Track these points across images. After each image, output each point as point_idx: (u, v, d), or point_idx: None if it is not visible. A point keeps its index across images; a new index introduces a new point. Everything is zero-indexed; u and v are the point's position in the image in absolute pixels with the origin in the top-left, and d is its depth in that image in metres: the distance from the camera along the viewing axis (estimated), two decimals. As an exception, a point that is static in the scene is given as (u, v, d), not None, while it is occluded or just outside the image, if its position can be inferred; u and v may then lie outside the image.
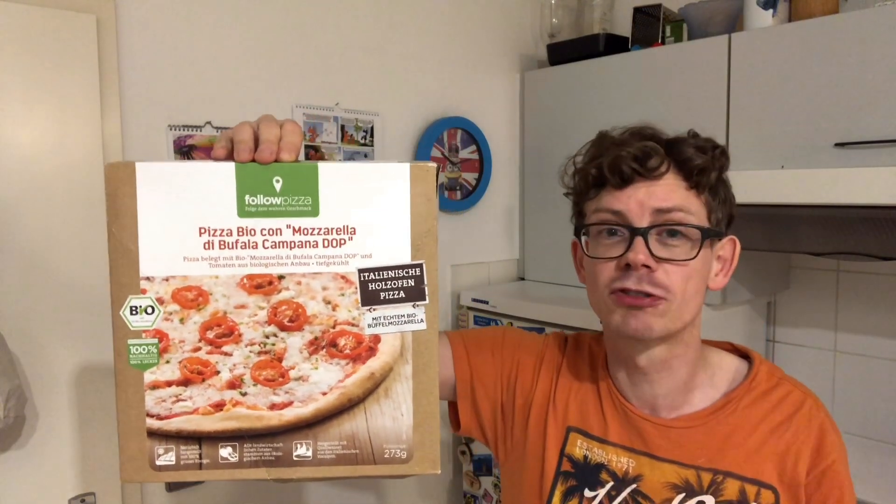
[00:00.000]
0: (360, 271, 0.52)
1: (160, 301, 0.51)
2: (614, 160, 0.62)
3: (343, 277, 0.52)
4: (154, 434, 0.51)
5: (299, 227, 0.51)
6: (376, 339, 0.52)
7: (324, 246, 0.51)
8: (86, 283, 1.07)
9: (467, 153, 1.64)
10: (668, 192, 0.61)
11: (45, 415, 1.05)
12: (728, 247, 0.66)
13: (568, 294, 1.48)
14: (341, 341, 0.52)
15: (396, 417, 0.52)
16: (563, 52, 1.59)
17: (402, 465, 0.52)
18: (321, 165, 0.51)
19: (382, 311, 0.52)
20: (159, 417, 0.51)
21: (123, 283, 0.50)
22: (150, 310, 0.50)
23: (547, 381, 0.72)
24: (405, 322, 0.52)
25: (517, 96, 1.71)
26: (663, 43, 1.42)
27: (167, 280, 0.50)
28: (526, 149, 1.69)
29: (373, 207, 0.52)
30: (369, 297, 0.52)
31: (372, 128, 1.45)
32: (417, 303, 0.52)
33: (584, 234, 0.66)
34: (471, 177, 1.65)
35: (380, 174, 0.52)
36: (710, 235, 0.62)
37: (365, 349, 0.52)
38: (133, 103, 1.12)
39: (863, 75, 1.07)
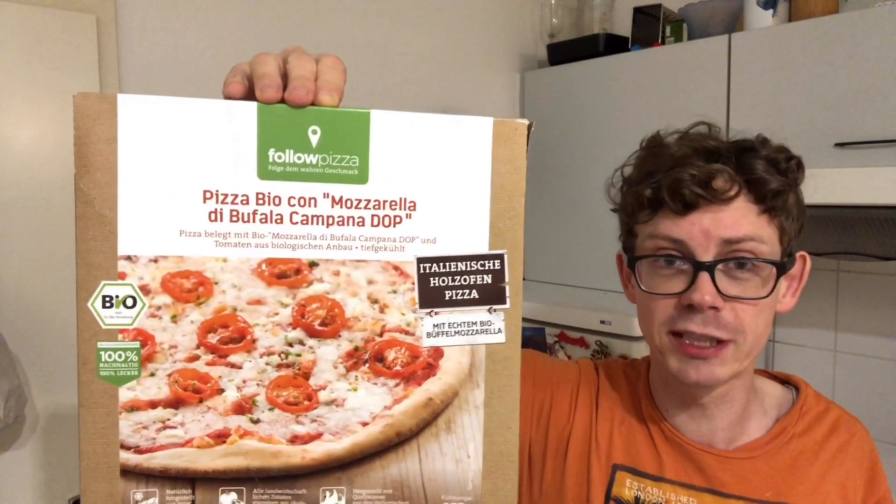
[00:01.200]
0: (420, 261, 0.38)
1: (145, 290, 0.36)
2: (674, 183, 0.53)
3: (396, 268, 0.38)
4: (130, 473, 0.37)
5: (340, 198, 0.37)
6: (437, 353, 0.38)
7: (373, 224, 0.37)
8: None
9: None
10: (737, 219, 0.53)
11: (45, 415, 1.03)
12: (798, 264, 0.58)
13: (568, 294, 1.46)
14: (390, 354, 0.38)
15: (461, 459, 0.39)
16: (563, 52, 1.57)
17: (467, 524, 0.39)
18: (375, 113, 0.37)
19: (447, 316, 0.38)
20: (139, 450, 0.37)
21: (94, 264, 0.35)
22: (129, 301, 0.36)
23: (586, 413, 0.63)
24: (477, 332, 0.38)
25: (517, 96, 1.70)
26: (663, 43, 1.40)
27: (156, 261, 0.36)
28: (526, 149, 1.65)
29: (441, 175, 0.38)
30: (430, 297, 0.38)
31: None
32: (495, 307, 0.38)
33: (638, 262, 0.57)
34: (470, 177, 1.62)
35: (453, 130, 0.38)
36: (785, 270, 0.54)
37: (422, 366, 0.38)
38: None
39: (863, 75, 1.06)
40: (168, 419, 0.37)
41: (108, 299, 0.36)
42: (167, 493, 0.37)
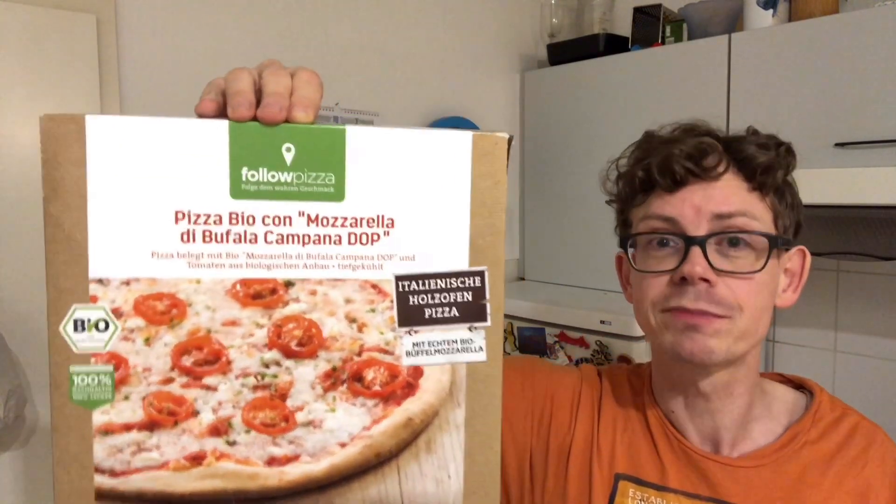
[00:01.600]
0: (399, 279, 0.37)
1: (117, 313, 0.35)
2: (664, 159, 0.54)
3: (374, 287, 0.37)
4: (105, 496, 0.36)
5: (316, 216, 0.36)
6: (417, 372, 0.38)
7: (350, 242, 0.36)
8: None
9: None
10: (728, 195, 0.53)
11: (45, 415, 1.01)
12: (797, 258, 0.58)
13: (568, 294, 1.47)
14: (369, 374, 0.38)
15: (441, 480, 0.38)
16: (563, 52, 1.57)
17: (448, 546, 0.38)
18: (350, 129, 0.36)
19: (427, 334, 0.37)
20: (113, 473, 0.36)
21: (65, 288, 0.35)
22: (102, 325, 0.35)
23: (587, 421, 0.62)
24: (457, 350, 0.38)
25: (517, 96, 1.70)
26: (663, 43, 1.41)
27: (128, 284, 0.35)
28: (526, 149, 1.67)
29: (419, 191, 0.37)
30: (409, 316, 0.37)
31: None
32: (476, 325, 0.37)
33: (631, 246, 0.57)
34: (470, 177, 1.62)
35: (431, 146, 0.37)
36: (778, 244, 0.54)
37: (401, 385, 0.38)
38: (133, 103, 1.10)
39: (863, 75, 1.06)
40: (143, 442, 0.36)
41: (79, 323, 0.35)
42: (144, 516, 0.36)
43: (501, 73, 1.66)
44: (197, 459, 0.37)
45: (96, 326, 0.35)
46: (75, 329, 0.35)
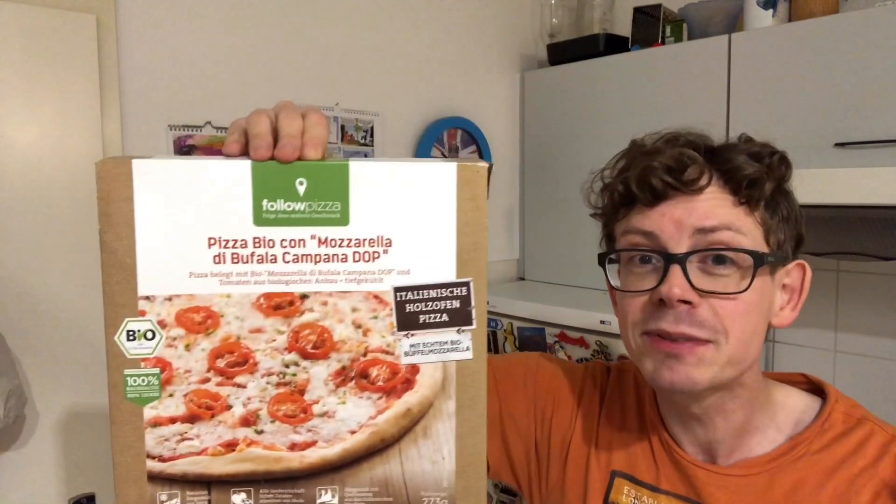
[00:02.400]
0: (397, 290, 0.43)
1: (162, 324, 0.42)
2: (643, 172, 0.51)
3: (376, 297, 0.43)
4: (156, 478, 0.43)
5: (326, 238, 0.42)
6: (414, 369, 0.44)
7: (354, 260, 0.42)
8: (86, 282, 1.03)
9: (467, 153, 1.60)
10: (711, 209, 0.50)
11: (45, 415, 1.02)
12: (796, 273, 0.54)
13: (568, 294, 1.46)
14: (373, 371, 0.44)
15: (437, 461, 0.44)
16: (563, 52, 1.57)
17: (444, 517, 0.44)
18: (352, 165, 0.42)
19: (422, 337, 0.43)
20: (162, 459, 0.43)
21: (119, 304, 0.41)
22: (150, 335, 0.42)
23: (588, 418, 0.62)
24: (448, 350, 0.44)
25: (517, 96, 1.70)
26: (663, 43, 1.40)
27: (170, 300, 0.42)
28: (526, 149, 1.67)
29: (412, 215, 0.43)
30: (407, 321, 0.43)
31: (372, 128, 1.41)
32: (463, 328, 0.43)
33: (612, 262, 0.55)
34: (470, 177, 1.63)
35: (421, 175, 0.43)
36: (764, 262, 0.49)
37: (401, 381, 0.44)
38: (133, 103, 1.10)
39: (863, 75, 1.05)
40: (185, 432, 0.43)
41: (131, 333, 0.42)
42: (187, 494, 0.43)
43: (501, 73, 1.65)
44: (231, 446, 0.43)
45: (145, 336, 0.42)
46: (128, 338, 0.41)
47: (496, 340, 1.42)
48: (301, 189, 0.42)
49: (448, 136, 1.55)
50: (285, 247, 0.42)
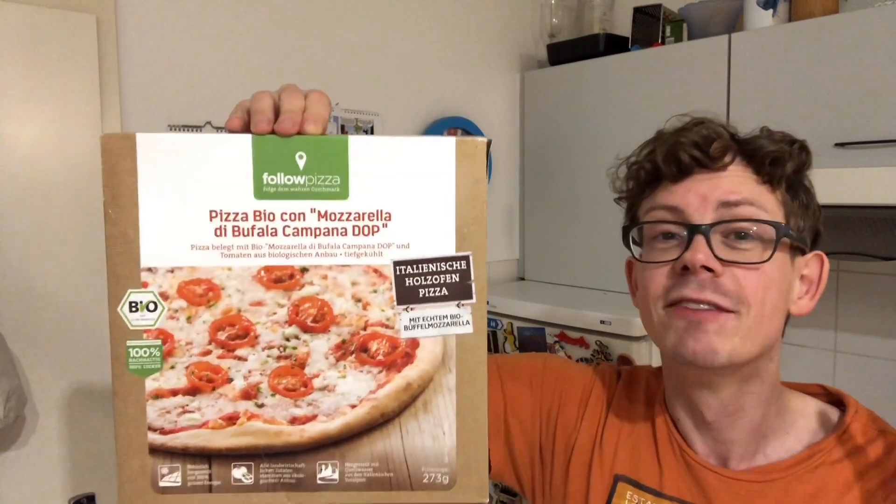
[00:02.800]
0: (396, 264, 0.43)
1: (164, 296, 0.42)
2: (671, 148, 0.53)
3: (376, 271, 0.43)
4: (157, 451, 0.43)
5: (325, 212, 0.42)
6: (414, 343, 0.44)
7: (354, 234, 0.43)
8: (86, 282, 1.03)
9: None
10: (735, 184, 0.51)
11: (45, 415, 1.01)
12: (814, 264, 0.55)
13: (568, 294, 1.44)
14: (373, 346, 0.44)
15: (437, 436, 0.44)
16: (563, 52, 1.56)
17: (444, 492, 0.44)
18: (352, 139, 0.42)
19: (421, 310, 0.43)
20: (163, 431, 0.43)
21: (122, 276, 0.42)
22: (152, 306, 0.42)
23: (594, 421, 0.61)
24: (448, 324, 0.43)
25: (517, 96, 1.68)
26: (663, 43, 1.39)
27: (172, 272, 0.42)
28: (526, 149, 1.67)
29: (412, 189, 0.43)
30: (406, 295, 0.43)
31: (372, 128, 1.41)
32: (462, 302, 0.43)
33: (636, 243, 0.55)
34: (470, 177, 1.62)
35: (421, 150, 0.43)
36: (786, 234, 0.50)
37: (401, 355, 0.44)
38: (133, 103, 1.09)
39: (863, 75, 1.04)
40: (187, 405, 0.43)
41: (133, 305, 0.42)
42: (188, 467, 0.43)
43: (501, 73, 1.64)
44: (232, 419, 0.43)
45: (147, 307, 0.42)
46: (130, 310, 0.42)
47: (496, 340, 1.41)
48: (301, 163, 0.42)
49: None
50: (285, 220, 0.42)
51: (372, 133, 1.41)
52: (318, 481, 0.43)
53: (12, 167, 0.96)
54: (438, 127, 1.52)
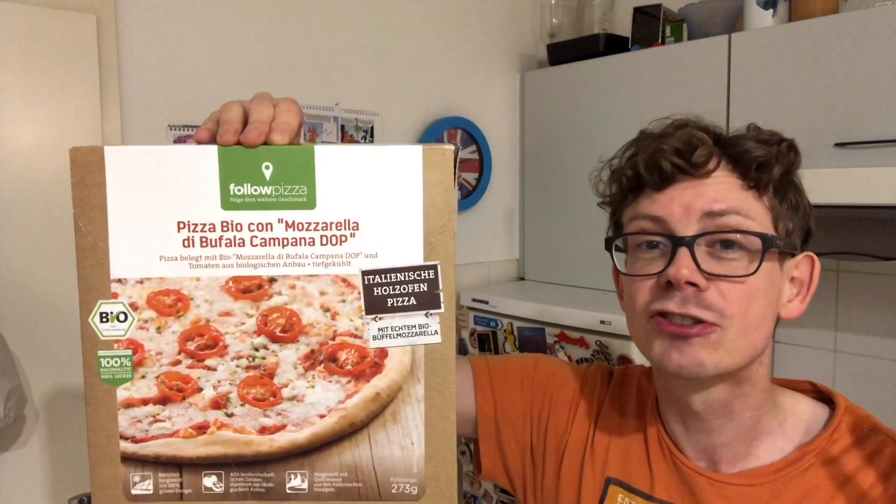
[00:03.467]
0: (364, 273, 0.43)
1: (134, 307, 0.42)
2: (652, 155, 0.51)
3: (344, 280, 0.43)
4: (129, 459, 0.43)
5: (293, 222, 0.42)
6: (382, 353, 0.43)
7: (321, 244, 0.42)
8: None
9: (467, 153, 1.59)
10: (720, 192, 0.49)
11: (45, 415, 1.01)
12: (804, 266, 0.53)
13: (568, 294, 1.43)
14: (342, 355, 0.43)
15: (406, 446, 0.43)
16: (563, 52, 1.55)
17: (413, 503, 0.43)
18: (318, 149, 0.42)
19: (390, 320, 0.43)
20: (134, 440, 0.43)
21: (92, 287, 0.42)
22: (122, 317, 0.42)
23: (585, 422, 0.60)
24: (416, 334, 0.43)
25: (517, 96, 1.67)
26: (663, 43, 1.38)
27: (141, 283, 0.42)
28: (526, 149, 1.66)
29: (379, 198, 0.42)
30: (374, 304, 0.43)
31: (372, 128, 1.41)
32: (431, 311, 0.43)
33: (619, 249, 0.54)
34: (471, 177, 1.60)
35: (388, 159, 0.42)
36: (774, 245, 0.48)
37: (369, 365, 0.43)
38: (133, 103, 1.09)
39: (863, 75, 1.03)
40: (158, 414, 0.43)
41: (104, 315, 0.42)
42: (160, 476, 0.43)
43: (501, 73, 1.63)
44: (202, 428, 0.43)
45: (117, 318, 0.42)
46: (101, 320, 0.42)
47: (496, 340, 1.40)
48: (267, 173, 0.42)
49: (448, 137, 1.55)
50: (253, 230, 0.42)
51: (371, 134, 1.41)
52: (288, 491, 0.43)
53: (12, 167, 0.96)
54: (438, 127, 1.51)
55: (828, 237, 1.12)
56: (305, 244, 0.42)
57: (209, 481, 0.43)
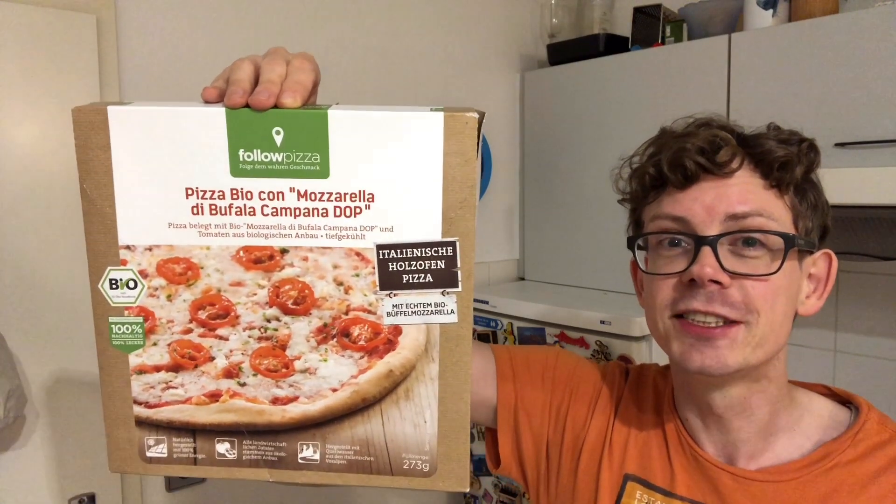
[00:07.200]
0: (379, 248, 0.39)
1: (143, 274, 0.40)
2: (675, 154, 0.49)
3: (358, 254, 0.40)
4: (143, 423, 0.42)
5: (305, 191, 0.39)
6: (396, 330, 0.41)
7: (335, 215, 0.39)
8: (87, 282, 1.03)
9: None
10: (743, 193, 0.48)
11: (45, 415, 0.99)
12: (822, 263, 0.53)
13: (568, 294, 1.40)
14: (355, 330, 0.41)
15: (418, 424, 0.41)
16: (563, 52, 1.51)
17: (424, 480, 0.42)
18: (331, 113, 0.38)
19: (405, 297, 0.40)
20: (148, 405, 0.42)
21: (100, 252, 0.40)
22: (132, 284, 0.40)
23: (603, 418, 0.59)
24: (432, 313, 0.40)
25: (517, 96, 1.63)
26: (663, 43, 1.35)
27: (150, 250, 0.40)
28: (526, 149, 1.61)
29: (396, 169, 0.38)
30: (389, 280, 0.40)
31: None
32: (448, 290, 0.40)
33: (640, 248, 0.53)
34: (471, 177, 1.58)
35: (406, 126, 0.38)
36: (795, 244, 0.48)
37: (383, 342, 0.41)
38: None
39: (863, 75, 1.01)
40: (170, 381, 0.42)
41: (114, 282, 0.40)
42: (173, 440, 0.42)
43: (501, 73, 1.59)
44: (214, 396, 0.42)
45: (127, 285, 0.40)
46: (111, 287, 0.40)
47: (496, 341, 1.37)
48: (278, 139, 0.38)
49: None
50: (263, 199, 0.39)
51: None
52: (300, 460, 0.42)
53: (12, 167, 0.94)
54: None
55: (828, 237, 1.10)
56: (318, 215, 0.39)
57: (222, 447, 0.42)
